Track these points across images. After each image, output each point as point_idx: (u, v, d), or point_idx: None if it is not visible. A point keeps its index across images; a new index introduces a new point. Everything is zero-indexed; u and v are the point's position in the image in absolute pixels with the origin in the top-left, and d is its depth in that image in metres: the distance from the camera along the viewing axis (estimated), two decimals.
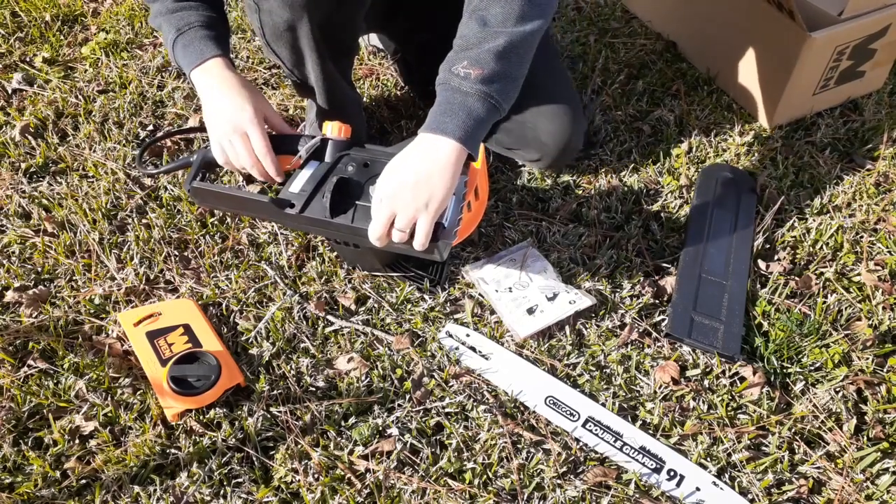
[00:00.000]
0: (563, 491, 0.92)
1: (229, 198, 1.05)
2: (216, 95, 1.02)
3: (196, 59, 1.02)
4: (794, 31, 1.27)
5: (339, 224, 0.96)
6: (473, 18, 0.91)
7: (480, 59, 0.88)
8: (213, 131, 1.03)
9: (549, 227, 1.24)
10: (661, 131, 1.43)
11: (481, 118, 0.89)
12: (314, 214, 0.97)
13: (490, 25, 0.89)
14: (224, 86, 1.02)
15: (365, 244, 0.97)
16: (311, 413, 1.00)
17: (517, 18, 0.89)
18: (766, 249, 1.21)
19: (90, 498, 0.93)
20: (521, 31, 0.90)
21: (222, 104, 1.01)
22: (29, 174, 1.40)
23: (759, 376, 1.03)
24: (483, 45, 0.89)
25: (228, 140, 1.02)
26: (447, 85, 0.90)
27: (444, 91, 0.90)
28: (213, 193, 1.05)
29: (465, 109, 0.88)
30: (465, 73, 0.88)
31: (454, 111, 0.88)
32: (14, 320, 1.14)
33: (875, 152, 1.37)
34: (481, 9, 0.90)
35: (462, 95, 0.89)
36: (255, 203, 1.02)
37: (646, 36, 1.66)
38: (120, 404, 1.03)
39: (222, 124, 1.01)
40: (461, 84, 0.89)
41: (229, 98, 1.01)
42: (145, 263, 1.21)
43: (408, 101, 1.52)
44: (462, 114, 0.88)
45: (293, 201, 0.98)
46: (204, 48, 1.02)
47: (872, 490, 0.93)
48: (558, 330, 1.10)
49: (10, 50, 1.71)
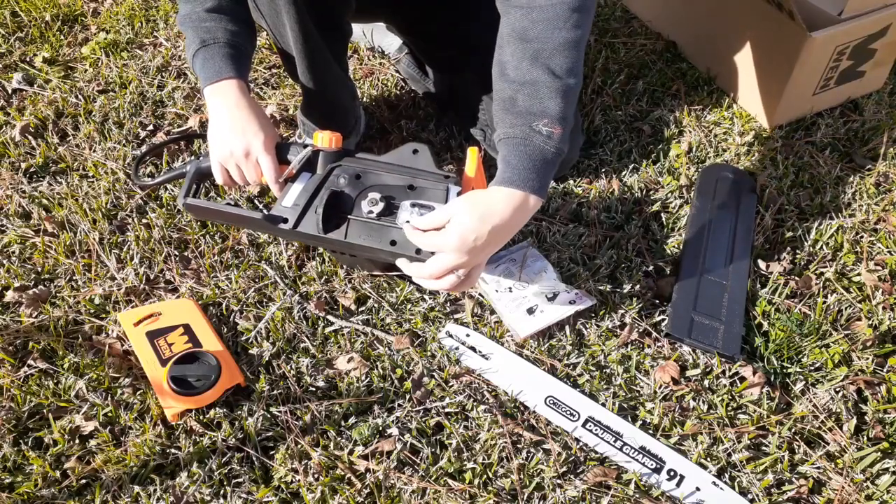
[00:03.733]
0: (563, 491, 0.92)
1: (223, 214, 1.05)
2: (226, 118, 1.00)
3: (212, 76, 1.01)
4: (794, 30, 1.27)
5: (332, 240, 0.96)
6: (538, 66, 0.89)
7: (559, 117, 0.88)
8: (219, 152, 1.02)
9: (549, 227, 1.24)
10: (661, 131, 1.43)
11: (554, 167, 0.91)
12: (307, 230, 0.97)
13: (558, 76, 0.89)
14: (235, 109, 1.00)
15: (362, 255, 0.97)
16: (311, 413, 1.00)
17: (572, 70, 0.90)
18: (766, 249, 1.21)
19: (90, 498, 0.94)
20: (577, 82, 0.91)
21: (234, 127, 1.00)
22: (29, 174, 1.40)
23: (759, 376, 1.03)
24: (556, 98, 0.88)
25: (235, 164, 1.01)
26: (529, 141, 0.88)
27: (527, 147, 0.88)
28: (207, 210, 1.06)
29: (547, 168, 0.88)
30: (547, 133, 0.88)
31: (539, 169, 0.88)
32: (14, 320, 1.14)
33: (875, 152, 1.37)
34: (544, 57, 0.89)
35: (544, 152, 0.88)
36: (249, 219, 1.03)
37: (646, 36, 1.66)
38: (120, 404, 1.03)
39: (231, 147, 1.00)
40: (545, 144, 0.88)
41: (241, 123, 1.00)
42: (145, 263, 1.21)
43: (408, 101, 1.52)
44: (547, 169, 0.89)
45: (286, 216, 0.97)
46: (222, 67, 1.01)
47: (872, 490, 0.93)
48: (558, 330, 1.10)
49: (10, 50, 1.71)
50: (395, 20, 1.37)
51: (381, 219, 0.95)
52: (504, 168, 0.88)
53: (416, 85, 1.51)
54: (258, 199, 1.31)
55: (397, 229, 0.94)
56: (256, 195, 1.32)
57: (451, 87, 1.37)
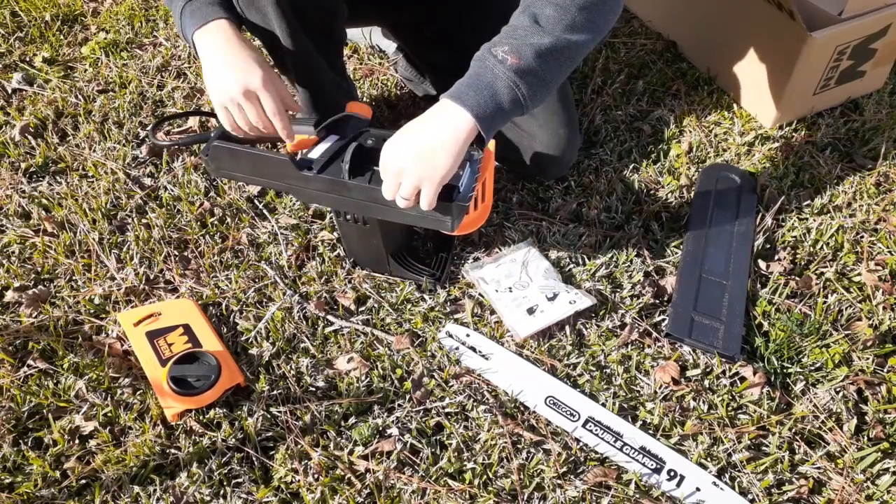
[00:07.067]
0: (563, 491, 0.92)
1: (248, 158, 1.02)
2: (219, 57, 0.95)
3: (199, 21, 0.96)
4: (794, 30, 1.27)
5: (355, 185, 0.97)
6: (526, 14, 0.90)
7: (521, 50, 0.88)
8: (218, 94, 0.96)
9: (549, 227, 1.24)
10: (661, 131, 1.43)
11: (503, 106, 0.88)
12: (332, 175, 0.98)
13: (540, 24, 0.89)
14: (229, 46, 0.96)
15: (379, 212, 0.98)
16: (311, 413, 1.00)
17: (568, 26, 0.89)
18: (767, 249, 1.21)
19: (90, 498, 0.93)
20: (567, 39, 0.89)
21: (228, 64, 0.95)
22: (29, 174, 1.40)
23: (759, 376, 1.03)
24: (528, 38, 0.88)
25: (236, 103, 0.96)
26: (482, 62, 0.89)
27: (478, 66, 0.89)
28: (231, 153, 1.02)
29: (491, 91, 0.87)
30: (502, 57, 0.88)
31: (480, 88, 0.87)
32: (14, 320, 1.14)
33: (875, 152, 1.37)
34: (536, 6, 0.90)
35: (493, 76, 0.88)
36: (274, 162, 1.00)
37: (646, 36, 1.66)
38: (120, 404, 1.03)
39: (230, 85, 0.95)
40: (495, 66, 0.88)
41: (235, 59, 0.95)
42: (145, 263, 1.21)
43: (408, 100, 1.52)
44: (486, 93, 0.87)
45: (312, 165, 0.99)
46: (209, 11, 0.97)
47: (873, 490, 0.93)
48: (558, 330, 1.10)
49: (10, 50, 1.71)
50: (386, 23, 1.38)
51: None
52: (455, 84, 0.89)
53: (415, 87, 1.51)
54: (258, 199, 1.31)
55: None
56: (256, 195, 1.32)
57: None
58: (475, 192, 0.96)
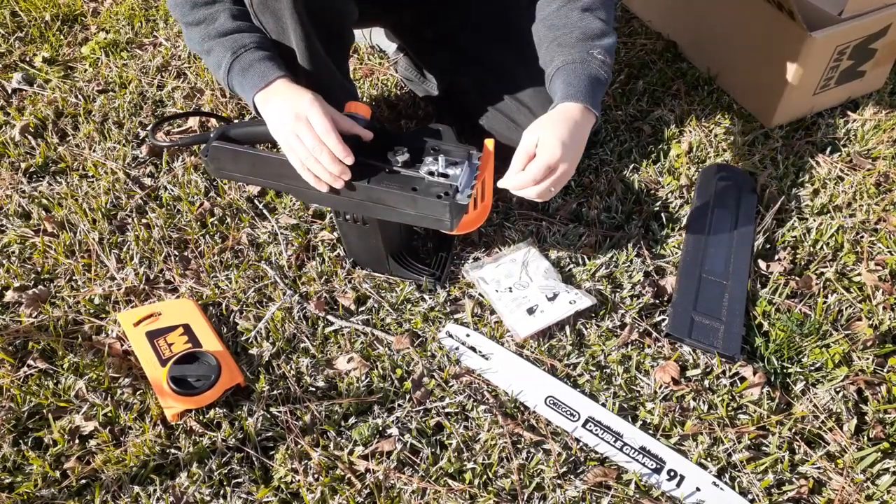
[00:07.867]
0: (563, 491, 0.92)
1: (248, 158, 1.01)
2: (280, 104, 0.95)
3: (259, 81, 0.97)
4: (794, 30, 1.27)
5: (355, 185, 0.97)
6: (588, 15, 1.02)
7: (610, 52, 1.00)
8: (281, 135, 0.95)
9: (549, 227, 1.24)
10: (661, 131, 1.42)
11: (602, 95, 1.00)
12: None
13: (607, 23, 1.02)
14: (289, 93, 0.96)
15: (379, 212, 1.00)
16: (311, 413, 1.00)
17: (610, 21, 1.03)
18: (767, 249, 1.21)
19: (90, 498, 0.93)
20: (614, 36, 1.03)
21: (284, 105, 0.95)
22: (29, 174, 1.40)
23: (759, 376, 1.03)
24: (606, 39, 1.01)
25: (295, 134, 0.93)
26: (588, 64, 0.98)
27: (585, 69, 0.98)
28: (231, 153, 1.02)
29: (600, 88, 0.99)
30: (601, 59, 0.99)
31: (594, 88, 0.97)
32: (14, 320, 1.14)
33: (875, 152, 1.37)
34: (593, 8, 1.02)
35: (598, 75, 0.98)
36: (274, 162, 0.99)
37: (646, 36, 1.66)
38: (120, 404, 1.03)
39: (284, 118, 0.94)
40: (600, 68, 0.98)
41: (290, 96, 0.95)
42: (145, 263, 1.21)
43: (408, 100, 1.52)
44: (599, 95, 0.98)
45: None
46: (265, 70, 0.97)
47: (873, 490, 0.93)
48: (558, 330, 1.10)
49: (10, 50, 1.71)
50: (387, 24, 1.39)
51: (406, 169, 0.98)
52: (565, 88, 0.97)
53: (415, 87, 1.51)
54: (258, 199, 1.31)
55: (419, 178, 0.96)
56: (256, 195, 1.32)
57: (448, 91, 1.37)
58: (474, 191, 0.96)
